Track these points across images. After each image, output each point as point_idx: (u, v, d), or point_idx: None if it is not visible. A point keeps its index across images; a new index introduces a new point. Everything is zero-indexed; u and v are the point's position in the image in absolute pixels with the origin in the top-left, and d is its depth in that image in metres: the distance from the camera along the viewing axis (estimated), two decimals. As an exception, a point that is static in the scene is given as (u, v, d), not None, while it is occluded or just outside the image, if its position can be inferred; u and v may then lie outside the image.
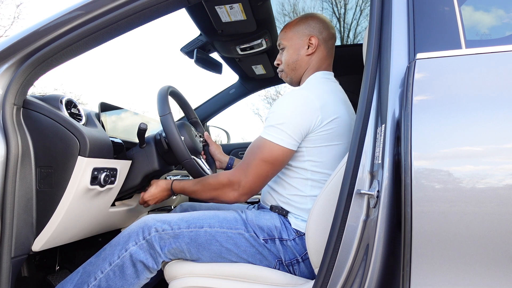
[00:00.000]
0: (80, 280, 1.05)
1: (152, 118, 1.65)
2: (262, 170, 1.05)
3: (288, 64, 1.25)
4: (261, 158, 1.05)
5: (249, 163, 1.06)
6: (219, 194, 1.11)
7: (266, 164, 1.05)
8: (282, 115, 1.06)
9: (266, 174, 1.06)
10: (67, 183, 1.00)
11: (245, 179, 1.06)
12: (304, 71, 1.24)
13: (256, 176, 1.06)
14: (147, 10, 0.95)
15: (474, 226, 0.66)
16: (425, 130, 0.70)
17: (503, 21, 0.84)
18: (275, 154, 1.04)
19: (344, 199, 0.79)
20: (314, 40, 1.20)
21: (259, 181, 1.07)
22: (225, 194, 1.10)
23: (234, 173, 1.09)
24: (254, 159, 1.06)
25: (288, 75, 1.27)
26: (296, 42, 1.23)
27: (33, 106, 1.01)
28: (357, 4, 2.49)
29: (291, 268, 1.05)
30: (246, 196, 1.09)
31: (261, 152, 1.05)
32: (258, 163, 1.05)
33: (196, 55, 1.77)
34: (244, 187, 1.06)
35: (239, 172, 1.08)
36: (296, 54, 1.23)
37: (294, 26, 1.25)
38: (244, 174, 1.06)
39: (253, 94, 2.41)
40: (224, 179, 1.09)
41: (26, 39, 0.96)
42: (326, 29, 1.23)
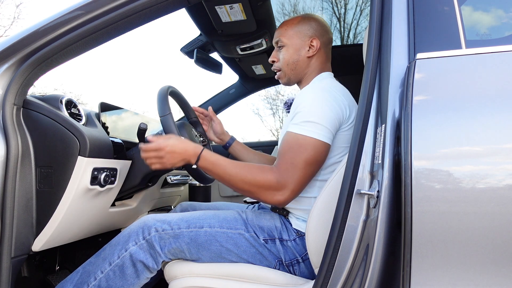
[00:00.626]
0: (80, 280, 1.05)
1: (152, 118, 1.65)
2: (309, 172, 0.99)
3: (287, 63, 1.22)
4: (306, 159, 0.98)
5: (295, 165, 0.98)
6: (260, 192, 0.99)
7: (312, 165, 0.99)
8: (317, 109, 1.01)
9: (311, 175, 1.01)
10: (67, 183, 1.00)
11: (293, 183, 0.98)
12: (304, 72, 1.22)
13: (303, 179, 0.99)
14: (147, 10, 0.95)
15: (474, 226, 0.66)
16: (425, 130, 0.70)
17: (503, 21, 0.84)
18: (319, 152, 0.99)
19: (344, 199, 0.79)
20: (316, 43, 1.19)
21: (304, 184, 1.01)
22: (268, 195, 0.99)
23: (281, 173, 0.98)
24: (299, 160, 0.98)
25: (287, 75, 1.24)
26: (297, 42, 1.20)
27: (33, 106, 1.01)
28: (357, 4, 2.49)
29: (291, 268, 1.05)
30: (291, 200, 1.01)
31: (305, 151, 0.98)
32: (305, 165, 0.98)
33: (196, 55, 1.77)
34: (293, 191, 0.98)
35: (286, 174, 0.98)
36: (296, 54, 1.21)
37: (296, 25, 1.22)
38: (291, 176, 0.98)
39: (253, 94, 2.42)
40: (272, 180, 0.98)
41: (26, 39, 0.96)
42: (326, 33, 1.23)
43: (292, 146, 1.00)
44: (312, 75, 1.22)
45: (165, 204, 1.80)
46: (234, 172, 1.01)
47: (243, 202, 2.15)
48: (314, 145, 0.99)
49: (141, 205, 1.49)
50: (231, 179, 1.01)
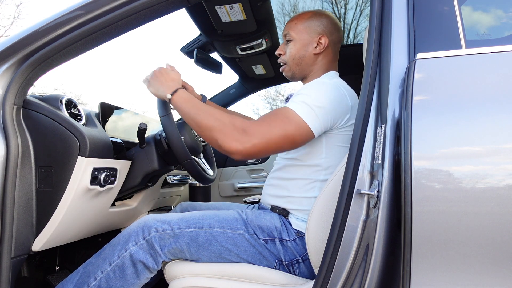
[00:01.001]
0: (80, 280, 1.05)
1: (152, 118, 1.65)
2: (280, 142, 0.96)
3: (293, 58, 1.20)
4: (285, 131, 0.96)
5: (271, 126, 0.96)
6: (221, 131, 0.95)
7: (286, 139, 0.97)
8: (318, 99, 1.00)
9: (280, 148, 0.98)
10: (67, 183, 1.00)
11: (260, 139, 0.94)
12: (309, 69, 1.22)
13: (272, 144, 0.96)
14: (147, 10, 0.95)
15: (474, 226, 0.66)
16: (425, 130, 0.70)
17: (503, 21, 0.84)
18: (300, 134, 0.98)
19: (344, 199, 0.79)
20: (324, 40, 1.18)
21: (270, 151, 0.97)
22: (228, 137, 0.94)
23: (252, 125, 0.96)
24: (278, 127, 0.96)
25: (291, 70, 1.23)
26: (305, 37, 1.19)
27: (33, 106, 1.01)
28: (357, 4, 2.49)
29: (291, 268, 1.05)
30: (247, 156, 0.96)
31: (288, 124, 0.97)
32: (280, 133, 0.96)
33: (196, 55, 1.77)
34: (254, 146, 0.94)
35: (257, 128, 0.96)
36: (303, 49, 1.19)
37: (307, 20, 1.20)
38: (262, 133, 0.95)
39: (253, 94, 2.42)
40: (239, 124, 0.96)
41: (26, 39, 0.96)
42: (336, 31, 1.22)
43: (278, 114, 0.99)
44: (318, 73, 1.21)
45: (165, 204, 1.80)
46: (205, 108, 1.00)
47: (243, 202, 2.15)
48: (300, 124, 0.97)
49: (141, 205, 1.49)
50: (200, 114, 0.99)
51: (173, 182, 1.72)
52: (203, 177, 1.32)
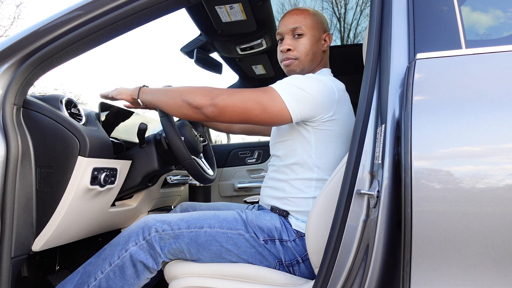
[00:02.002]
0: (80, 280, 1.05)
1: (152, 118, 1.65)
2: (249, 105, 0.95)
3: (307, 53, 1.16)
4: (257, 96, 0.96)
5: (242, 91, 0.97)
6: (191, 93, 0.98)
7: (257, 104, 0.95)
8: (304, 84, 1.00)
9: (248, 112, 0.96)
10: (67, 183, 1.00)
11: (227, 96, 0.95)
12: (316, 66, 1.22)
13: (239, 103, 0.95)
14: (147, 10, 0.95)
15: (474, 226, 0.66)
16: (425, 130, 0.70)
17: (503, 21, 0.84)
18: (273, 105, 0.96)
19: (344, 199, 0.79)
20: (328, 38, 1.21)
21: (237, 110, 0.96)
22: (196, 95, 0.97)
23: (222, 88, 0.99)
24: (250, 92, 0.96)
25: (302, 65, 1.17)
26: (316, 34, 1.18)
27: (33, 106, 1.01)
28: (357, 4, 2.48)
29: (291, 268, 1.05)
30: (212, 112, 0.96)
31: (262, 93, 0.97)
32: (251, 98, 0.95)
33: (196, 55, 1.77)
34: (222, 100, 0.95)
35: (227, 90, 0.98)
36: (316, 46, 1.18)
37: (313, 16, 1.19)
38: (230, 93, 0.96)
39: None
40: (208, 86, 1.00)
41: (26, 39, 0.96)
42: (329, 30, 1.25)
43: (259, 88, 1.00)
44: (318, 69, 1.23)
45: (165, 204, 1.80)
46: (172, 88, 1.06)
47: (243, 202, 2.15)
48: (275, 97, 0.97)
49: (141, 205, 1.49)
50: (172, 89, 1.05)
51: (173, 182, 1.72)
52: (203, 177, 1.32)
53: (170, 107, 1.04)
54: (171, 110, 1.05)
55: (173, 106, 1.02)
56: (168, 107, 1.04)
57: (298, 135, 1.09)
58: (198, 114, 0.99)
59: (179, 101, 1.00)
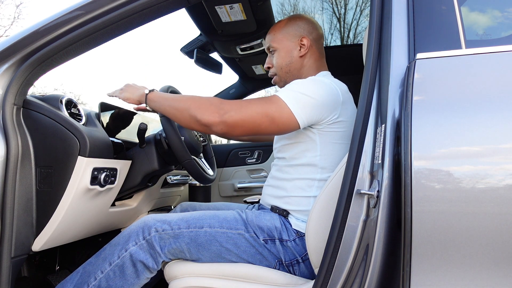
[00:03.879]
0: (80, 280, 1.05)
1: (152, 118, 1.65)
2: (257, 119, 0.95)
3: (281, 67, 1.21)
4: (264, 109, 0.95)
5: (249, 104, 0.96)
6: (198, 107, 0.97)
7: (265, 116, 0.95)
8: (307, 90, 1.01)
9: (258, 124, 0.96)
10: (67, 183, 1.00)
11: (235, 113, 0.95)
12: (299, 73, 1.22)
13: (248, 118, 0.95)
14: (147, 10, 0.95)
15: (474, 226, 0.66)
16: (425, 130, 0.70)
17: (503, 21, 0.84)
18: (280, 115, 0.97)
19: (344, 199, 0.79)
20: (305, 41, 1.19)
21: (247, 125, 0.96)
22: (204, 111, 0.96)
23: (230, 103, 0.97)
24: (257, 105, 0.96)
25: (282, 79, 1.24)
26: (287, 44, 1.20)
27: (33, 106, 1.01)
28: (357, 4, 2.49)
29: (291, 268, 1.05)
30: (222, 128, 0.96)
31: (270, 104, 0.97)
32: (259, 111, 0.95)
33: (196, 55, 1.77)
34: (231, 117, 0.94)
35: (234, 104, 0.96)
36: (289, 56, 1.20)
37: (283, 28, 1.22)
38: (238, 108, 0.95)
39: (253, 94, 2.42)
40: (216, 100, 0.98)
41: (26, 39, 0.96)
42: (315, 29, 1.23)
43: (264, 97, 1.01)
44: (309, 73, 1.22)
45: (165, 204, 1.80)
46: (179, 96, 1.06)
47: (243, 202, 2.15)
48: (281, 106, 0.97)
49: (141, 205, 1.49)
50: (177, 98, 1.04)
51: (173, 182, 1.72)
52: (203, 177, 1.32)
53: (178, 120, 1.04)
54: (179, 122, 1.05)
55: (181, 119, 1.02)
56: (176, 119, 1.05)
57: (303, 138, 1.09)
58: (207, 131, 1.00)
59: (187, 116, 1.00)
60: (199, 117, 0.97)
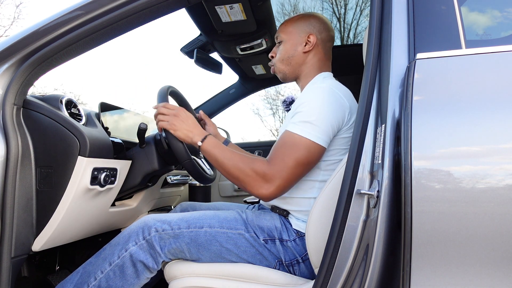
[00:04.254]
0: (80, 280, 1.05)
1: (152, 118, 1.65)
2: (298, 171, 1.00)
3: (282, 58, 1.23)
4: (297, 158, 0.99)
5: (285, 162, 0.99)
6: (246, 182, 1.01)
7: (302, 165, 1.00)
8: (317, 110, 1.01)
9: (300, 176, 1.02)
10: (67, 183, 1.00)
11: (280, 179, 0.99)
12: (300, 68, 1.22)
13: (291, 177, 0.99)
14: (147, 10, 0.95)
15: (474, 226, 0.66)
16: (425, 130, 0.70)
17: (503, 21, 0.84)
18: (312, 153, 1.00)
19: (344, 199, 0.79)
20: (312, 38, 1.19)
21: (292, 183, 1.01)
22: (253, 186, 1.00)
23: (271, 167, 0.99)
24: (290, 158, 0.99)
25: (281, 70, 1.25)
26: (295, 37, 1.21)
27: (33, 106, 1.01)
28: (357, 4, 2.49)
29: (291, 268, 1.05)
30: (275, 197, 1.01)
31: (298, 151, 0.99)
32: (295, 164, 0.99)
33: (196, 55, 1.77)
34: (278, 187, 0.99)
35: (276, 169, 0.99)
36: (292, 49, 1.21)
37: (295, 22, 1.24)
38: (279, 172, 0.99)
39: (253, 94, 2.42)
40: (260, 170, 0.99)
41: (26, 39, 0.96)
42: (326, 30, 1.23)
43: (286, 143, 1.01)
44: (311, 72, 1.22)
45: (165, 204, 1.80)
46: (229, 156, 1.04)
47: (243, 202, 2.15)
48: (309, 146, 0.99)
49: (141, 205, 1.49)
50: (225, 163, 1.04)
51: (173, 182, 1.72)
52: (203, 177, 1.32)
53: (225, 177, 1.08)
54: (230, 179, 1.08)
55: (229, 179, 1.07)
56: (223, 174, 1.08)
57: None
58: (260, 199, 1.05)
59: (238, 183, 1.05)
60: (249, 189, 1.02)
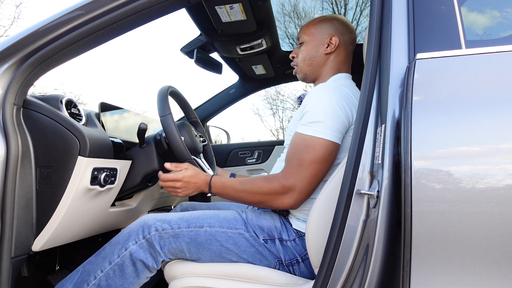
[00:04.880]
0: (80, 279, 1.05)
1: (152, 118, 1.65)
2: (317, 171, 0.99)
3: (304, 59, 1.24)
4: (313, 158, 0.98)
5: (301, 165, 0.99)
6: (270, 200, 1.02)
7: (320, 164, 0.99)
8: (324, 108, 1.02)
9: (321, 175, 1.01)
10: (67, 183, 1.00)
11: (300, 184, 0.99)
12: (321, 69, 1.23)
13: (311, 179, 0.99)
14: (147, 10, 0.95)
15: (474, 226, 0.66)
16: (425, 130, 0.70)
17: (503, 21, 0.84)
18: (328, 151, 1.00)
19: (344, 199, 0.79)
20: (334, 40, 1.20)
21: (314, 184, 1.01)
22: (278, 200, 1.01)
23: (287, 177, 1.00)
24: (306, 160, 0.99)
25: (303, 71, 1.26)
26: (317, 38, 1.22)
27: (33, 106, 1.01)
28: (357, 4, 2.49)
29: (291, 268, 1.05)
30: (302, 202, 1.02)
31: (313, 151, 0.99)
32: (312, 164, 0.98)
33: (196, 55, 1.77)
34: (301, 192, 0.99)
35: (293, 177, 1.00)
36: (314, 50, 1.22)
37: (318, 23, 1.24)
38: (298, 178, 0.99)
39: (253, 94, 2.42)
40: (277, 186, 1.01)
41: (26, 39, 0.96)
42: (348, 32, 1.24)
43: (300, 148, 1.01)
44: (328, 73, 1.23)
45: (165, 204, 1.80)
46: (241, 188, 1.05)
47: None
48: (323, 145, 0.99)
49: (141, 205, 1.49)
50: (241, 195, 1.06)
51: (173, 182, 1.72)
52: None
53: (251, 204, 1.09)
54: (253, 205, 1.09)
55: (254, 204, 1.07)
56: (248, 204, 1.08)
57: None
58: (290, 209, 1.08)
59: (263, 206, 1.06)
60: (275, 206, 1.03)
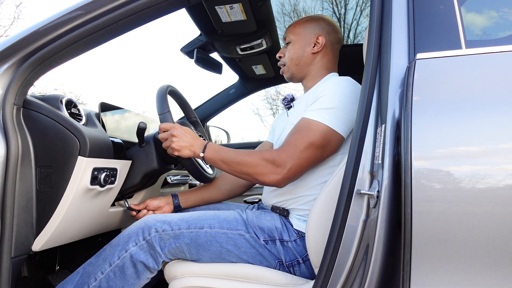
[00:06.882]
0: (80, 280, 1.05)
1: (152, 118, 1.65)
2: (311, 154, 0.98)
3: (291, 58, 1.25)
4: (311, 141, 0.97)
5: (296, 145, 0.97)
6: (257, 172, 0.99)
7: (316, 148, 0.98)
8: (335, 98, 1.01)
9: (314, 159, 0.99)
10: (67, 183, 1.00)
11: (291, 162, 0.97)
12: (308, 69, 1.24)
13: (304, 160, 0.97)
14: (147, 10, 0.95)
15: (474, 226, 0.66)
16: (425, 130, 0.70)
17: (503, 21, 0.84)
18: (328, 139, 0.99)
19: (344, 199, 0.79)
20: (321, 39, 1.21)
21: (305, 166, 0.99)
22: (264, 174, 0.99)
23: (279, 153, 0.98)
24: (303, 141, 0.98)
25: (290, 70, 1.27)
26: (303, 38, 1.23)
27: (33, 106, 1.01)
28: (357, 4, 2.49)
29: (292, 269, 1.05)
30: (288, 181, 1.00)
31: (312, 134, 0.98)
32: (308, 146, 0.97)
33: (196, 55, 1.77)
34: (290, 170, 0.97)
35: (285, 154, 0.98)
36: (301, 50, 1.23)
37: (304, 23, 1.25)
38: (291, 156, 0.97)
39: (253, 94, 2.42)
40: (268, 157, 0.98)
41: (26, 39, 0.96)
42: (334, 32, 1.25)
43: (300, 130, 1.01)
44: (320, 72, 1.23)
45: (165, 204, 1.80)
46: (234, 155, 1.04)
47: (243, 202, 2.15)
48: (325, 131, 0.99)
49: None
50: (232, 161, 1.04)
51: (173, 182, 1.72)
52: (202, 176, 1.32)
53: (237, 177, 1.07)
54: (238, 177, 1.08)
55: (241, 178, 1.06)
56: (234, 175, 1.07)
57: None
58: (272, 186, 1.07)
59: (250, 178, 1.03)
60: (261, 179, 1.00)
